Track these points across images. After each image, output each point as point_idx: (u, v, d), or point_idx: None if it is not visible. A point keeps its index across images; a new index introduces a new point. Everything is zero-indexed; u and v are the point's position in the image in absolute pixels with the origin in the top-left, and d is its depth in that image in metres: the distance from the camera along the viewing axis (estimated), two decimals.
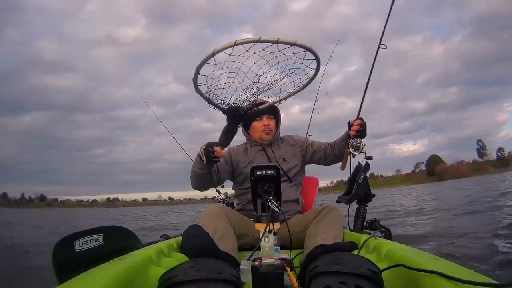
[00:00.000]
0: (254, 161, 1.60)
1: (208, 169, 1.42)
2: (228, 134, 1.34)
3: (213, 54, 0.94)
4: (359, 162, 1.51)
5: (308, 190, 1.85)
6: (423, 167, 70.91)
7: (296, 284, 0.84)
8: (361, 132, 1.42)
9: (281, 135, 1.72)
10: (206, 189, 1.60)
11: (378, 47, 1.49)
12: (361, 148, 1.42)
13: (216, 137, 1.36)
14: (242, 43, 0.89)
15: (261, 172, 0.85)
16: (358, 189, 1.46)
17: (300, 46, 0.99)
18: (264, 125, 1.58)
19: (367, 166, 1.52)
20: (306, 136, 2.38)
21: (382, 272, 0.72)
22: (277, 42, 0.89)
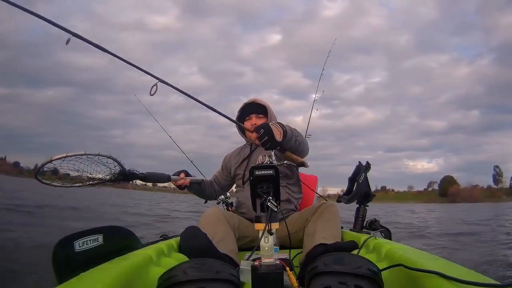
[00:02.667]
0: (242, 163, 1.65)
1: (193, 190, 1.62)
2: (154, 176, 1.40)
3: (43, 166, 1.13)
4: (359, 162, 1.51)
5: (307, 188, 1.84)
6: (436, 186, 69.99)
7: (296, 284, 0.84)
8: (267, 144, 1.18)
9: None
10: (213, 199, 1.80)
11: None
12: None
13: (232, 132, 1.62)
14: (58, 158, 1.11)
15: (260, 172, 0.85)
16: (359, 188, 1.46)
17: (103, 155, 1.19)
18: (252, 125, 1.57)
19: (367, 166, 1.52)
20: (305, 135, 2.34)
21: (382, 272, 0.72)
22: (84, 154, 1.13)
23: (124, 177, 1.26)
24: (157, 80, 1.29)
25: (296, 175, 1.63)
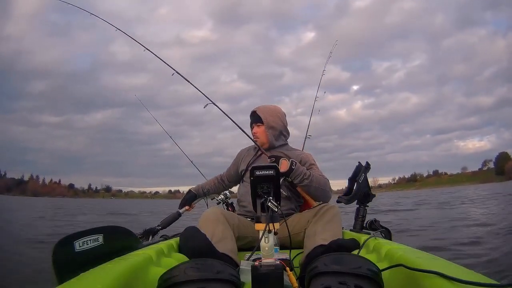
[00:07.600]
0: (250, 163, 1.73)
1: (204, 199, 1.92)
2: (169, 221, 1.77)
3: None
4: (359, 162, 1.51)
5: None
6: (491, 165, 66.70)
7: (296, 284, 0.84)
8: None
9: (292, 146, 1.76)
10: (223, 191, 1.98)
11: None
12: None
13: None
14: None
15: (260, 173, 0.85)
16: (358, 189, 1.46)
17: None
18: (253, 133, 1.70)
19: (367, 166, 1.52)
20: (306, 136, 2.37)
21: (382, 272, 0.72)
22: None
23: (148, 234, 1.64)
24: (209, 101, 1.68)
25: None
